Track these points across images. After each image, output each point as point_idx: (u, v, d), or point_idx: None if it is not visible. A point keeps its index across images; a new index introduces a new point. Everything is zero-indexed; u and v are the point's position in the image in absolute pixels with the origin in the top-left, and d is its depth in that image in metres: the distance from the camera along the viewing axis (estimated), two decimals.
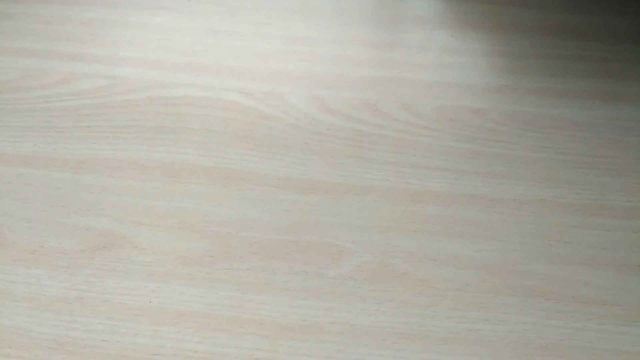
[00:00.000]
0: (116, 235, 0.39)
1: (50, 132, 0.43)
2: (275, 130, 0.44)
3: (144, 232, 0.39)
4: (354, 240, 0.39)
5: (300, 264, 0.38)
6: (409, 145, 0.43)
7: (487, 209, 0.40)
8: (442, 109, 0.44)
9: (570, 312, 0.35)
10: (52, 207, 0.39)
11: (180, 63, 0.47)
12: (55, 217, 0.39)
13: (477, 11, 0.50)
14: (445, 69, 0.47)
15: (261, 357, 0.35)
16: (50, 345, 0.34)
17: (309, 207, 0.40)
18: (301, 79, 0.46)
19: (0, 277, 0.37)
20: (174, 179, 0.41)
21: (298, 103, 0.45)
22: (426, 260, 0.38)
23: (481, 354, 0.34)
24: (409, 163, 0.42)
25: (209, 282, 0.37)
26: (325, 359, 0.35)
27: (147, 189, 0.41)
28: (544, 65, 0.47)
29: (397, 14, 0.50)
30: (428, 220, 0.39)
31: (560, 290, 0.36)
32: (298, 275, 0.38)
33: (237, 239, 0.38)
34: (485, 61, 0.47)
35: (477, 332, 0.35)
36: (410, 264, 0.37)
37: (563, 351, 0.34)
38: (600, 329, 0.34)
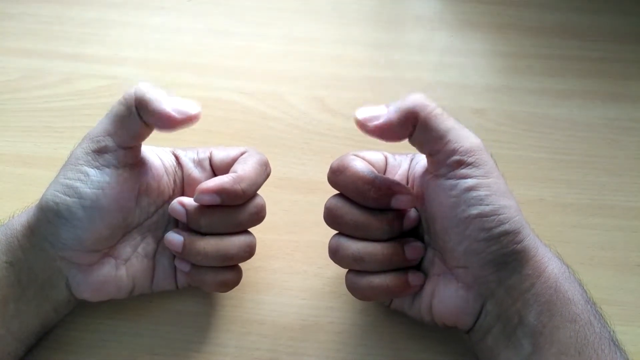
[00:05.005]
0: None
1: (50, 132, 0.43)
2: (275, 130, 0.44)
3: None
4: None
5: (300, 264, 0.38)
6: (409, 145, 0.43)
7: None
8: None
9: None
10: None
11: (180, 63, 0.47)
12: None
13: (476, 11, 0.50)
14: (444, 69, 0.47)
15: (261, 357, 0.35)
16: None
17: (309, 207, 0.40)
18: (301, 79, 0.46)
19: None
20: None
21: (298, 103, 0.45)
22: None
23: None
24: None
25: None
26: (326, 359, 0.35)
27: None
28: (543, 65, 0.47)
29: (397, 14, 0.50)
30: None
31: None
32: (298, 275, 0.38)
33: None
34: (485, 61, 0.48)
35: None
36: None
37: None
38: None
